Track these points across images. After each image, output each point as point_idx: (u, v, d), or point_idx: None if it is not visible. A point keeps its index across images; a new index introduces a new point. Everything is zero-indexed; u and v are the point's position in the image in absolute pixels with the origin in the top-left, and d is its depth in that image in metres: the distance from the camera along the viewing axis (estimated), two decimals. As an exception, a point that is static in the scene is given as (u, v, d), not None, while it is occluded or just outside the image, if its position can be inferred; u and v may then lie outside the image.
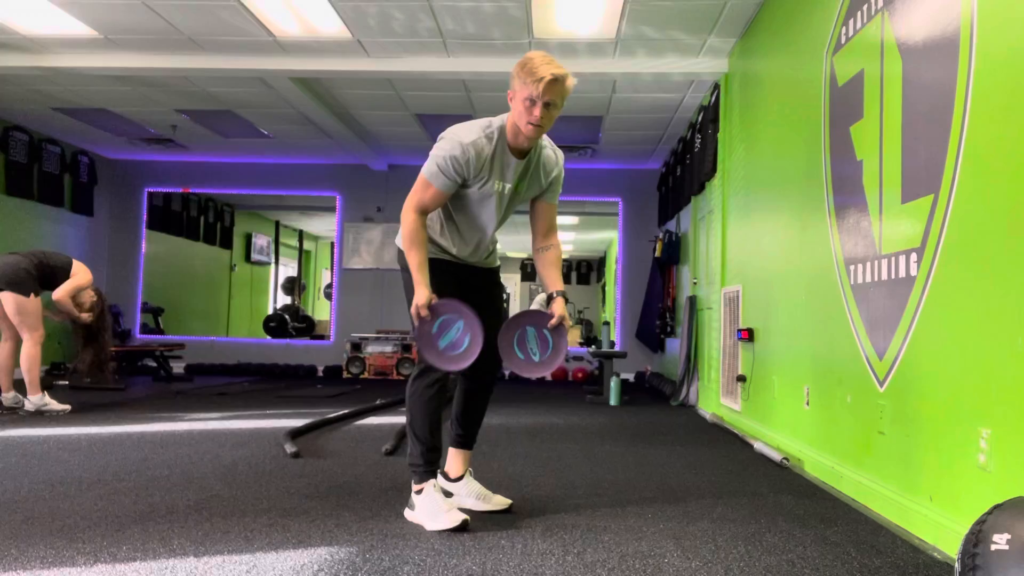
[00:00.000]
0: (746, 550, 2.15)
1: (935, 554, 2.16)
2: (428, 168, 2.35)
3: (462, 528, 2.26)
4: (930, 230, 2.32)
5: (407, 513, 2.41)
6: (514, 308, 18.19)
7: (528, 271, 18.33)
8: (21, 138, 7.81)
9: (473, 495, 2.53)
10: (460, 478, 2.57)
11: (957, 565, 1.45)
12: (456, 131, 2.37)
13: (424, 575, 1.88)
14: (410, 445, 2.43)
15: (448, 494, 2.50)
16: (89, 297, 5.13)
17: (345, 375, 8.85)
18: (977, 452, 2.06)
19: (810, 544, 2.23)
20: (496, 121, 2.44)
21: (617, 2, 4.58)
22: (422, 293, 2.31)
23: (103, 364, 5.21)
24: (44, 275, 4.92)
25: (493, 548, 2.11)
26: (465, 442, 2.61)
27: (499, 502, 2.55)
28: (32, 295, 4.84)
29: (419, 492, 2.37)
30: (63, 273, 4.98)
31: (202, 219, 10.97)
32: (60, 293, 4.93)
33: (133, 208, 9.51)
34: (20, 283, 4.79)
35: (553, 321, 2.37)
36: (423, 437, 2.40)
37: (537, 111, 2.37)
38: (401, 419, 4.84)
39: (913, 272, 2.43)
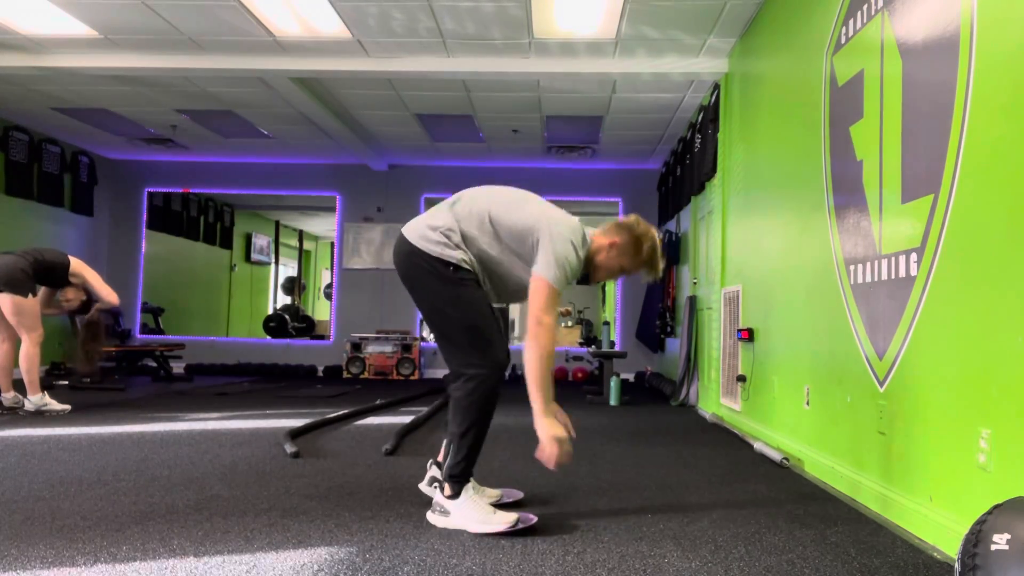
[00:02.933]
0: (746, 550, 2.15)
1: (935, 554, 2.16)
2: (555, 276, 2.27)
3: (516, 528, 2.25)
4: (930, 230, 2.32)
5: (439, 520, 2.34)
6: (513, 308, 18.17)
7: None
8: (21, 138, 7.81)
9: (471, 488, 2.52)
10: None
11: (957, 565, 1.45)
12: (569, 238, 2.32)
13: (424, 575, 1.88)
14: (457, 454, 2.35)
15: (435, 480, 2.47)
16: (76, 296, 5.14)
17: (345, 375, 8.85)
18: (977, 452, 2.06)
19: (810, 544, 2.23)
20: (586, 235, 2.42)
21: (617, 2, 4.58)
22: (553, 428, 2.24)
23: (91, 354, 5.29)
24: (41, 273, 4.92)
25: (493, 548, 2.11)
26: None
27: (491, 495, 2.55)
28: (30, 295, 4.84)
29: (453, 497, 2.33)
30: (61, 269, 4.98)
31: (202, 219, 10.97)
32: (103, 294, 5.05)
33: (133, 208, 9.51)
34: (18, 284, 4.79)
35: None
36: (477, 446, 2.38)
37: (618, 277, 2.48)
38: (401, 419, 4.84)
39: (913, 272, 2.43)
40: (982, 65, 2.11)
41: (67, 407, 5.01)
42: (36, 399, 4.90)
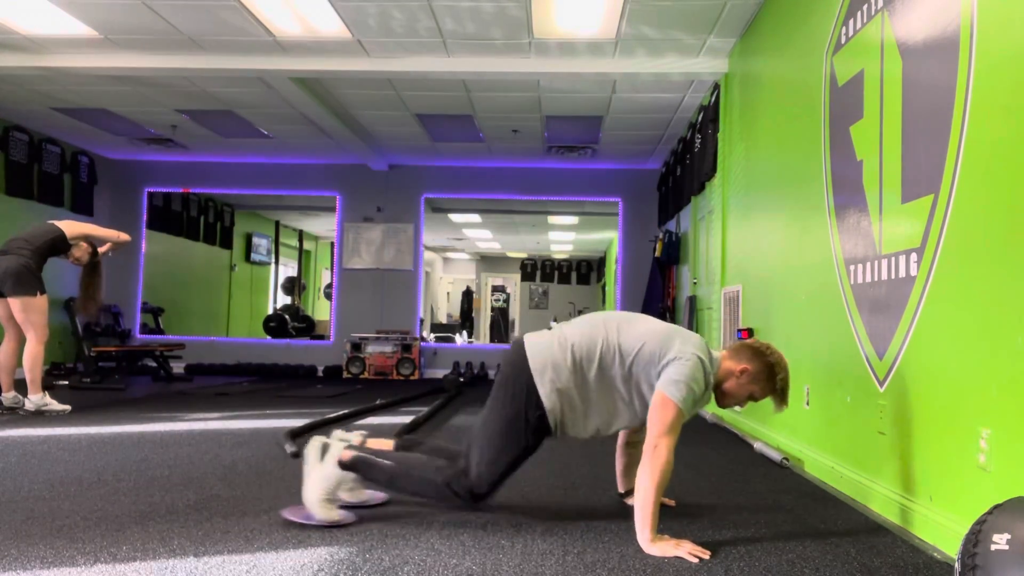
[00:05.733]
0: (746, 550, 2.15)
1: (935, 554, 2.16)
2: (682, 397, 2.17)
3: (334, 524, 2.29)
4: (930, 230, 2.32)
5: (310, 457, 2.37)
6: (514, 308, 18.20)
7: (528, 271, 18.33)
8: (21, 138, 7.81)
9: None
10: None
11: (957, 565, 1.45)
12: (701, 358, 2.23)
13: (424, 575, 1.88)
14: (375, 469, 2.36)
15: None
16: (84, 250, 5.21)
17: (345, 375, 8.85)
18: (977, 452, 2.06)
19: (810, 544, 2.23)
20: (712, 355, 2.34)
21: (617, 2, 4.58)
22: (667, 544, 2.11)
23: (92, 299, 5.37)
24: (46, 255, 4.95)
25: (493, 548, 2.11)
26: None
27: (361, 495, 2.55)
28: (39, 294, 4.85)
29: (337, 464, 2.34)
30: (59, 242, 5.03)
31: (202, 219, 10.97)
32: (111, 237, 5.27)
33: (133, 208, 9.51)
34: (26, 284, 4.80)
35: None
36: (387, 487, 2.44)
37: (746, 404, 2.42)
38: (401, 419, 4.84)
39: (913, 272, 2.43)
40: (982, 65, 2.11)
41: (67, 407, 5.01)
42: (36, 399, 4.90)
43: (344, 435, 2.49)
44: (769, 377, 2.33)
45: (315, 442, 2.41)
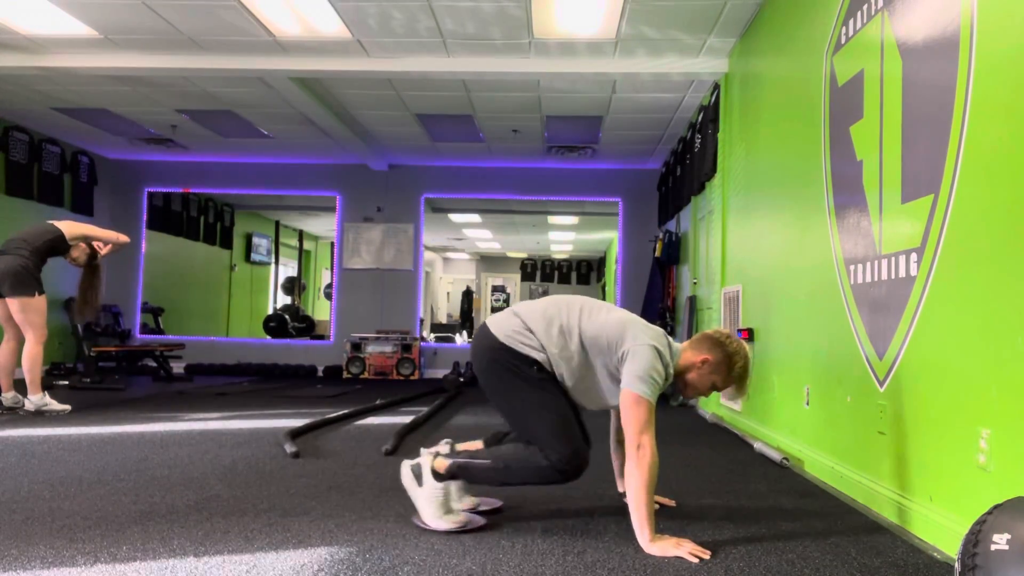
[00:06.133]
0: (746, 550, 2.15)
1: (935, 554, 2.16)
2: (647, 390, 2.19)
3: (464, 529, 2.27)
4: (930, 230, 2.32)
5: (408, 479, 2.36)
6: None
7: (528, 271, 18.34)
8: (21, 138, 7.81)
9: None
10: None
11: (957, 565, 1.45)
12: (657, 348, 2.25)
13: (424, 575, 1.88)
14: (479, 469, 2.34)
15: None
16: (82, 251, 5.21)
17: (345, 375, 8.85)
18: (977, 452, 2.06)
19: (810, 544, 2.24)
20: (672, 346, 2.36)
21: (617, 2, 4.58)
22: (668, 544, 2.10)
23: (89, 304, 5.36)
24: (45, 256, 4.95)
25: (493, 548, 2.11)
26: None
27: (469, 502, 2.52)
28: (37, 294, 4.85)
29: (438, 477, 2.32)
30: (58, 242, 5.02)
31: (202, 219, 10.97)
32: (110, 238, 5.27)
33: (133, 208, 9.51)
34: (24, 284, 4.80)
35: None
36: (494, 483, 2.38)
37: (709, 394, 2.44)
38: (401, 419, 4.84)
39: (913, 272, 2.43)
40: (982, 65, 2.11)
41: (67, 407, 5.01)
42: (36, 399, 4.90)
43: (432, 449, 2.47)
44: (729, 368, 2.37)
45: (405, 470, 2.39)
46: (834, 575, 1.96)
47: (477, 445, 2.55)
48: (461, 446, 2.52)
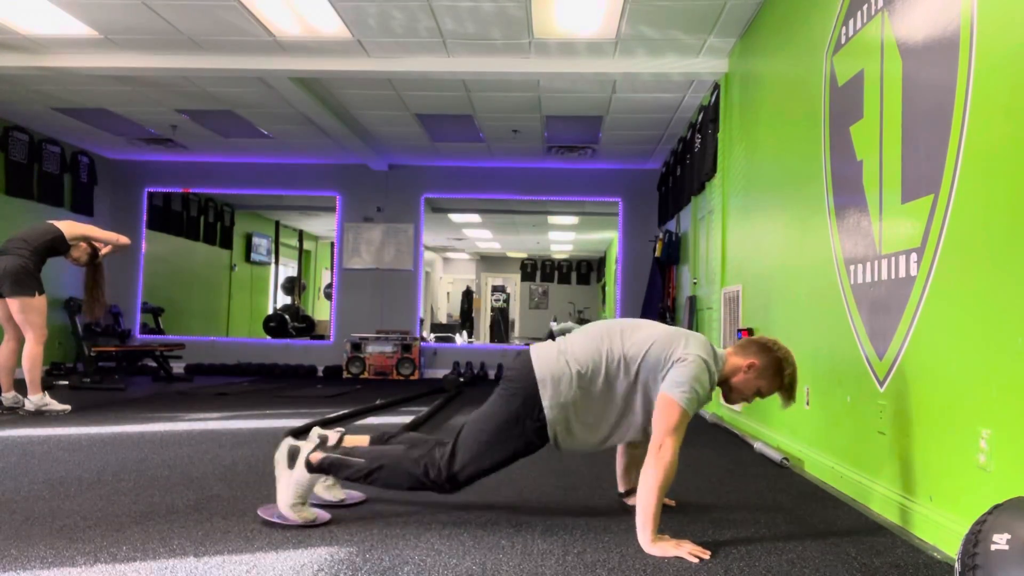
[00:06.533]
0: (746, 550, 2.15)
1: (935, 554, 2.16)
2: (687, 398, 2.15)
3: (310, 524, 2.29)
4: (930, 230, 2.32)
5: (280, 461, 2.35)
6: (514, 308, 18.20)
7: (528, 271, 18.33)
8: (21, 138, 7.81)
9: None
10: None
11: (957, 565, 1.45)
12: (704, 358, 2.23)
13: (424, 575, 1.88)
14: (349, 466, 2.33)
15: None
16: (83, 251, 5.21)
17: (345, 375, 8.85)
18: (977, 452, 2.06)
19: (810, 544, 2.23)
20: (717, 353, 2.34)
21: (617, 2, 4.58)
22: (668, 544, 2.10)
23: (97, 301, 5.35)
24: (44, 256, 4.95)
25: (493, 548, 2.11)
26: None
27: (337, 494, 2.55)
28: (37, 294, 4.85)
29: (308, 468, 2.31)
30: (58, 242, 5.01)
31: (202, 219, 10.97)
32: (111, 239, 5.25)
33: (133, 208, 9.51)
34: (24, 284, 4.79)
35: None
36: (361, 481, 2.36)
37: (753, 400, 2.40)
38: (401, 419, 4.84)
39: (913, 272, 2.43)
40: (982, 65, 2.11)
41: (67, 407, 5.01)
42: (36, 399, 4.90)
43: (321, 433, 2.46)
44: (777, 372, 2.33)
45: (283, 447, 2.38)
46: (834, 575, 1.96)
47: (364, 441, 2.56)
48: (350, 439, 2.52)
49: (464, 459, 2.31)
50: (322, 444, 2.41)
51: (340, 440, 2.47)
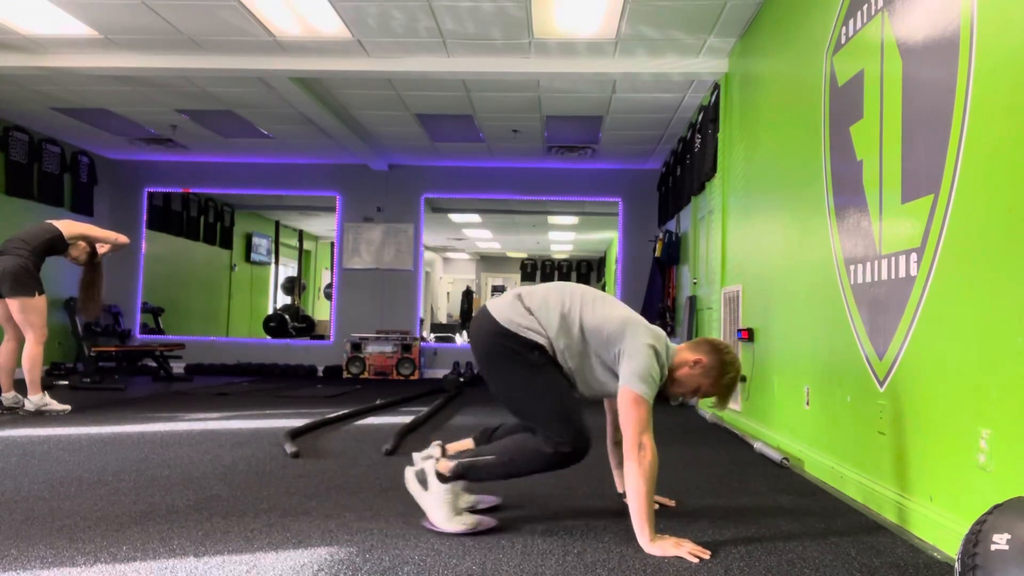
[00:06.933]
0: (746, 550, 2.15)
1: (935, 554, 2.16)
2: (646, 390, 2.19)
3: (475, 531, 2.27)
4: (930, 230, 2.32)
5: (414, 485, 2.34)
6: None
7: (528, 271, 18.33)
8: (21, 138, 7.81)
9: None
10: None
11: (957, 565, 1.45)
12: (655, 347, 2.25)
13: (424, 575, 1.88)
14: (482, 466, 2.31)
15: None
16: (82, 250, 5.21)
17: (345, 375, 8.85)
18: (977, 452, 2.06)
19: (810, 544, 2.23)
20: (669, 345, 2.36)
21: (617, 2, 4.58)
22: (668, 544, 2.10)
23: (93, 300, 5.36)
24: (44, 255, 4.95)
25: (493, 548, 2.11)
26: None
27: (466, 500, 2.51)
28: (37, 294, 4.85)
29: (443, 479, 2.30)
30: (57, 242, 5.02)
31: (202, 219, 10.98)
32: (110, 239, 5.25)
33: (133, 208, 9.51)
34: (24, 285, 4.80)
35: None
36: (500, 477, 2.35)
37: (696, 399, 2.41)
38: (401, 419, 4.84)
39: (913, 272, 2.43)
40: (982, 65, 2.11)
41: (67, 407, 5.01)
42: (36, 399, 4.90)
43: (425, 453, 2.44)
44: (720, 374, 2.36)
45: (409, 475, 2.38)
46: (834, 575, 1.96)
47: (467, 444, 2.56)
48: (452, 447, 2.51)
49: (559, 436, 2.25)
50: (442, 454, 2.40)
51: (443, 449, 2.45)
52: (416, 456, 2.46)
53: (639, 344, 2.24)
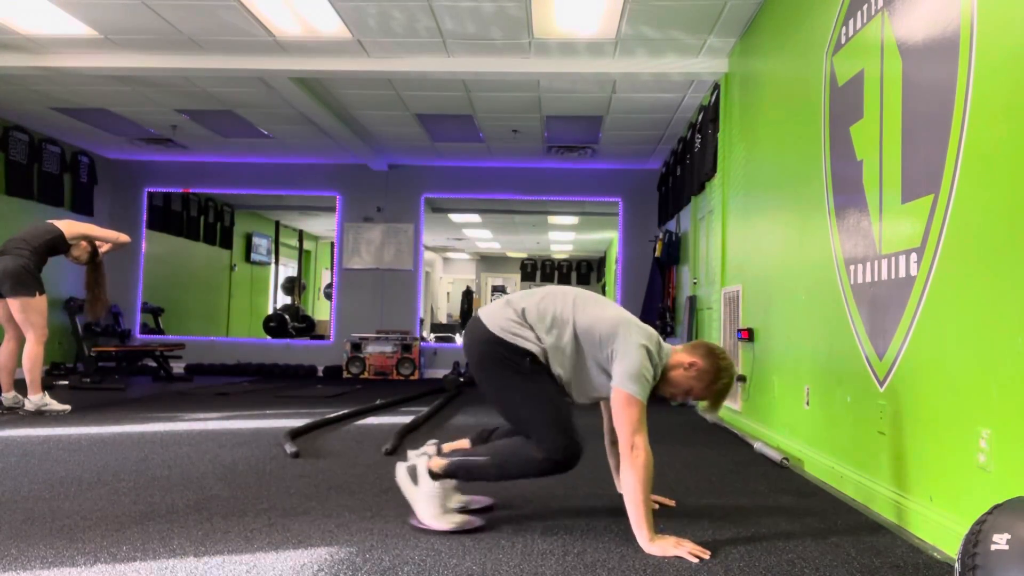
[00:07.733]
0: (746, 550, 2.15)
1: (935, 554, 2.16)
2: (639, 390, 2.19)
3: (461, 529, 2.27)
4: (930, 230, 2.32)
5: (404, 480, 2.36)
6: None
7: (528, 271, 18.33)
8: (21, 138, 7.81)
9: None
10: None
11: (957, 565, 1.45)
12: (648, 347, 2.26)
13: (424, 575, 1.88)
14: (475, 467, 2.33)
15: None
16: (83, 250, 5.20)
17: (345, 375, 8.85)
18: (977, 452, 2.06)
19: (810, 544, 2.23)
20: (662, 345, 2.35)
21: (617, 2, 4.58)
22: (667, 543, 2.11)
23: (99, 300, 5.33)
24: (45, 255, 4.95)
25: (493, 548, 2.11)
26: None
27: (459, 499, 2.51)
28: (37, 294, 4.85)
29: (434, 476, 2.31)
30: (58, 242, 5.02)
31: (202, 219, 10.97)
32: (110, 238, 5.26)
33: (133, 208, 9.51)
34: (25, 285, 4.80)
35: None
36: (490, 479, 2.36)
37: (691, 400, 2.44)
38: (401, 419, 4.84)
39: (913, 272, 2.43)
40: (982, 65, 2.11)
41: (67, 407, 5.01)
42: (36, 399, 4.90)
43: (420, 451, 2.45)
44: (714, 379, 2.36)
45: (400, 471, 2.39)
46: (834, 575, 1.96)
47: (464, 444, 2.56)
48: (448, 446, 2.52)
49: (550, 444, 2.26)
50: (437, 452, 2.41)
51: (439, 448, 2.46)
52: (411, 453, 2.47)
53: (631, 344, 2.25)
